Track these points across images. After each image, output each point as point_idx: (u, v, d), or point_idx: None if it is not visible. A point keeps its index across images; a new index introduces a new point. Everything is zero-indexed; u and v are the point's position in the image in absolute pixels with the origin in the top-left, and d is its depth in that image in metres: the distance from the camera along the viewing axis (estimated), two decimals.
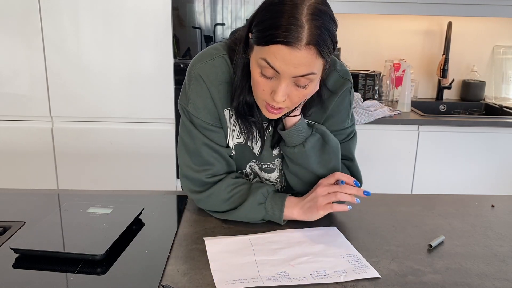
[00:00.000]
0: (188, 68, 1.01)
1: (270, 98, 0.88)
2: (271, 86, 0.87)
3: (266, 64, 0.83)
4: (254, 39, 0.85)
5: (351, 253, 0.90)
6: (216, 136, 1.02)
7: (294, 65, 0.81)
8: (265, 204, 1.00)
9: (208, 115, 1.00)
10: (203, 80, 0.98)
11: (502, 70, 2.75)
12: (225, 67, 0.99)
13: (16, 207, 1.09)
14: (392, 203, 1.15)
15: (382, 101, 2.58)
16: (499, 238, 0.99)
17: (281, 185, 1.13)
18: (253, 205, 1.00)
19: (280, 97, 0.86)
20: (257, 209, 1.00)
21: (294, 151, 1.00)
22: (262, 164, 1.09)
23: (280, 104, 0.88)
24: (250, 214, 1.00)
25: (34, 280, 0.79)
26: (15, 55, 2.18)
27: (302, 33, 0.79)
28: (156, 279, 0.79)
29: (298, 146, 1.00)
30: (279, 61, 0.81)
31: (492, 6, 2.38)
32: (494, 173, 2.36)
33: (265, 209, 1.00)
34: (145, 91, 2.23)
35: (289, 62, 0.81)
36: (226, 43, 1.01)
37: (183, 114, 1.03)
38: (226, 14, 2.22)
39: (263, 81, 0.87)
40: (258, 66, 0.86)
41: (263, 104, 0.92)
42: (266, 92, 0.88)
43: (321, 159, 1.02)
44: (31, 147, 2.29)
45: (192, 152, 1.02)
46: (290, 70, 0.82)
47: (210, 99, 0.99)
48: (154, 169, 2.29)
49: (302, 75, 0.84)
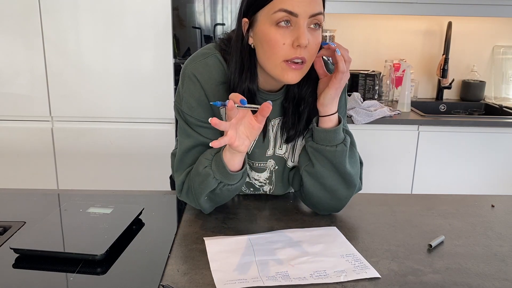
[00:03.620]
0: (181, 70, 1.02)
1: (292, 51, 0.90)
2: (291, 35, 0.89)
3: (282, 14, 0.88)
4: (256, 6, 0.90)
5: (351, 253, 0.90)
6: (211, 133, 1.02)
7: (308, 1, 0.87)
8: (211, 165, 0.96)
9: (202, 113, 1.01)
10: (196, 79, 0.99)
11: (502, 70, 2.75)
12: (219, 65, 1.00)
13: (16, 207, 1.09)
14: (392, 203, 1.15)
15: (382, 101, 2.58)
16: (499, 238, 0.99)
17: (270, 187, 1.13)
18: (200, 168, 0.97)
19: (304, 39, 0.88)
20: (205, 172, 0.96)
21: (336, 149, 0.99)
22: (252, 163, 1.09)
23: (303, 52, 0.90)
24: (202, 183, 0.97)
25: (34, 280, 0.79)
26: (15, 55, 2.18)
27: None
28: (156, 279, 0.79)
29: (340, 145, 0.99)
30: (295, 1, 0.87)
31: (492, 6, 2.38)
32: (494, 173, 2.36)
33: (211, 169, 0.96)
34: (145, 91, 2.23)
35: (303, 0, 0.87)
36: (216, 44, 1.03)
37: (177, 114, 1.04)
38: (226, 14, 2.22)
39: (280, 34, 0.89)
40: (272, 24, 0.89)
41: (283, 67, 0.92)
42: (287, 45, 0.90)
43: (350, 160, 1.02)
44: (31, 147, 2.29)
45: (184, 153, 1.03)
46: (307, 7, 0.87)
47: (204, 97, 1.00)
48: (154, 169, 2.29)
49: (315, 14, 0.89)
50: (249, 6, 0.93)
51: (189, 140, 1.02)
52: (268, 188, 1.13)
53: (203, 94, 1.00)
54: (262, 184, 1.12)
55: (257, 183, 1.12)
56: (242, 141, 0.89)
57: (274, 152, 1.08)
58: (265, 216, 1.07)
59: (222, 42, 1.02)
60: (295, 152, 1.09)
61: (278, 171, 1.11)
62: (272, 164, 1.10)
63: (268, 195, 1.17)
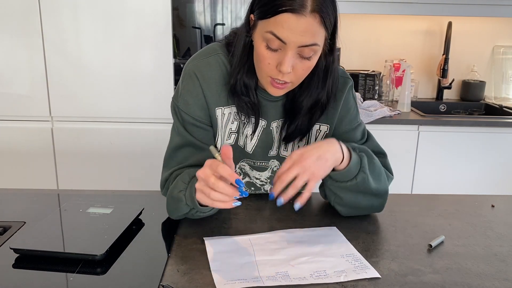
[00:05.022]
0: (184, 66, 1.02)
1: (275, 72, 0.89)
2: (277, 58, 0.88)
3: (272, 36, 0.85)
4: (259, 14, 0.88)
5: (351, 253, 0.90)
6: (203, 133, 1.02)
7: (300, 33, 0.84)
8: (185, 191, 0.93)
9: (198, 112, 1.00)
10: (196, 77, 0.99)
11: (502, 70, 2.75)
12: (221, 66, 1.00)
13: (16, 207, 1.09)
14: (392, 203, 1.15)
15: (382, 101, 2.58)
16: (499, 238, 0.99)
17: (271, 186, 1.13)
18: (175, 192, 0.95)
19: (286, 67, 0.87)
20: (178, 196, 0.94)
21: (356, 181, 0.96)
22: (254, 162, 1.09)
23: (286, 77, 0.89)
24: (175, 205, 0.95)
25: (34, 280, 0.79)
26: (15, 55, 2.18)
27: (307, 1, 0.82)
28: (156, 279, 0.79)
29: (359, 174, 0.96)
30: (286, 30, 0.84)
31: (492, 6, 2.38)
32: (494, 173, 2.36)
33: (185, 196, 0.93)
34: (145, 91, 2.23)
35: (295, 30, 0.83)
36: (222, 42, 1.03)
37: (173, 110, 1.04)
38: (226, 14, 2.22)
39: (268, 55, 0.88)
40: (263, 40, 0.88)
41: (267, 81, 0.92)
42: (271, 65, 0.89)
43: (374, 178, 0.99)
44: (31, 147, 2.29)
45: (173, 150, 1.03)
46: (297, 38, 0.84)
47: (202, 95, 1.00)
48: (154, 169, 2.28)
49: (307, 45, 0.86)
50: (256, 7, 0.90)
51: (178, 138, 1.02)
52: (269, 188, 1.13)
53: (201, 92, 1.00)
54: (263, 183, 1.12)
55: (258, 182, 1.12)
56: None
57: (278, 153, 1.08)
58: (265, 216, 1.07)
59: (230, 36, 1.02)
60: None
61: None
62: (276, 165, 1.09)
63: (268, 195, 1.17)
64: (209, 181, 0.80)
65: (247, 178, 1.12)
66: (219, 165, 0.80)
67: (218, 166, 0.80)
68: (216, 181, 0.79)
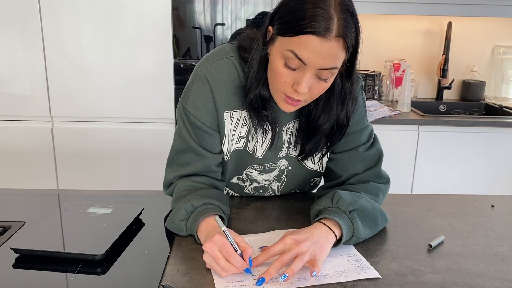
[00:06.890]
0: (194, 68, 1.01)
1: (291, 90, 0.88)
2: (294, 77, 0.87)
3: (292, 55, 0.83)
4: (280, 30, 0.85)
5: (351, 253, 0.90)
6: (208, 139, 1.01)
7: (322, 57, 0.82)
8: (187, 221, 0.94)
9: (206, 116, 0.99)
10: (207, 80, 0.98)
11: (502, 70, 2.75)
12: (232, 69, 0.98)
13: (16, 207, 1.09)
14: (392, 203, 1.15)
15: (382, 101, 2.58)
16: (499, 238, 0.99)
17: (278, 184, 1.13)
18: (176, 220, 0.95)
19: (303, 88, 0.85)
20: (179, 226, 0.95)
21: (350, 243, 0.93)
22: (264, 166, 1.08)
23: (300, 96, 0.88)
24: (174, 229, 0.96)
25: (34, 280, 0.79)
26: (15, 55, 2.18)
27: (333, 25, 0.80)
28: (156, 279, 0.79)
29: (352, 238, 0.92)
30: (308, 52, 0.82)
31: (492, 6, 2.38)
32: (494, 173, 2.36)
33: (186, 226, 0.94)
34: (145, 91, 2.23)
35: (318, 53, 0.82)
36: (234, 45, 1.00)
37: (179, 112, 1.02)
38: (226, 14, 2.22)
39: (286, 73, 0.86)
40: (282, 57, 0.86)
41: (281, 97, 0.91)
42: (287, 84, 0.88)
43: (368, 224, 0.96)
44: (31, 147, 2.29)
45: (176, 153, 1.03)
46: (318, 61, 0.83)
47: (211, 99, 0.99)
48: (154, 169, 2.28)
49: (327, 68, 0.84)
50: (276, 21, 0.87)
51: (181, 142, 1.02)
52: (276, 186, 1.13)
53: (211, 96, 0.98)
54: (271, 181, 1.12)
55: (266, 183, 1.12)
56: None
57: (287, 153, 1.07)
58: (265, 216, 1.07)
59: (243, 40, 0.99)
60: (315, 155, 1.07)
61: (291, 171, 1.10)
62: (284, 164, 1.08)
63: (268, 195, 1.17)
64: (219, 263, 0.80)
65: (255, 184, 1.12)
66: (231, 255, 0.80)
67: (230, 257, 0.80)
68: (226, 264, 0.80)
